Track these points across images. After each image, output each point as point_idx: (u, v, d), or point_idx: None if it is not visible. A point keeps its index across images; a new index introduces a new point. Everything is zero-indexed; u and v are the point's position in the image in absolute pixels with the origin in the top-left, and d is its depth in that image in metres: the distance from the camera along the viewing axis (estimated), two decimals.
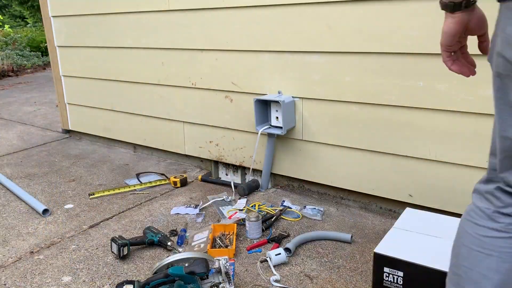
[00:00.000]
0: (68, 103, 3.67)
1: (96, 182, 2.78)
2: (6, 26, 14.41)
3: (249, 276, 1.75)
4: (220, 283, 1.59)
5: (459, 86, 1.85)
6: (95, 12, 3.13)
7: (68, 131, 3.85)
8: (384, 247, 1.55)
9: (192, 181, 2.75)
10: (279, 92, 2.37)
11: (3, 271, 1.84)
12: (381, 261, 1.52)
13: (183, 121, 2.90)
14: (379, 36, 1.99)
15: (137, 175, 2.82)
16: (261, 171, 2.58)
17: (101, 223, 2.24)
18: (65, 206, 2.44)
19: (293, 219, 2.21)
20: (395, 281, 1.49)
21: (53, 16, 3.46)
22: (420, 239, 1.56)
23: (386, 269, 1.51)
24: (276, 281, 1.70)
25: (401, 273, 1.48)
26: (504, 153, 0.91)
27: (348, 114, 2.19)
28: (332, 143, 2.28)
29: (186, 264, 1.51)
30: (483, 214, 0.94)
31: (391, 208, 2.24)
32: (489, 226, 0.93)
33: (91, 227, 2.21)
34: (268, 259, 1.82)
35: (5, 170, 3.01)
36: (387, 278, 1.51)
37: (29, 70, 8.26)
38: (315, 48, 2.19)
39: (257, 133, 2.39)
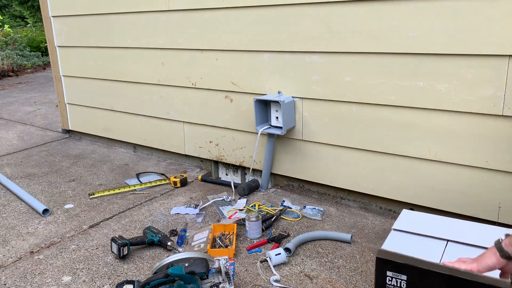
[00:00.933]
0: (68, 103, 3.67)
1: (96, 182, 2.78)
2: (6, 26, 14.39)
3: (249, 276, 1.75)
4: (220, 283, 1.59)
5: (459, 86, 1.85)
6: (95, 12, 3.13)
7: (68, 131, 3.85)
8: None
9: (192, 181, 2.75)
10: (279, 92, 2.37)
11: (3, 271, 1.84)
12: (383, 264, 1.49)
13: (183, 121, 2.90)
14: (379, 36, 1.99)
15: (137, 175, 2.82)
16: (261, 171, 2.58)
17: (101, 223, 2.24)
18: (65, 206, 2.44)
19: (293, 219, 2.21)
20: (398, 285, 1.47)
21: (53, 16, 3.46)
22: (422, 242, 1.54)
23: (389, 273, 1.48)
24: (276, 281, 1.70)
25: (404, 277, 1.45)
26: None
27: (348, 114, 2.19)
28: (332, 143, 2.28)
29: (186, 264, 1.51)
30: None
31: (391, 208, 2.24)
32: None
33: (91, 227, 2.21)
34: (268, 259, 1.82)
35: (5, 170, 3.01)
36: (390, 282, 1.49)
37: (29, 70, 8.25)
38: (315, 48, 2.19)
39: (257, 133, 2.39)
